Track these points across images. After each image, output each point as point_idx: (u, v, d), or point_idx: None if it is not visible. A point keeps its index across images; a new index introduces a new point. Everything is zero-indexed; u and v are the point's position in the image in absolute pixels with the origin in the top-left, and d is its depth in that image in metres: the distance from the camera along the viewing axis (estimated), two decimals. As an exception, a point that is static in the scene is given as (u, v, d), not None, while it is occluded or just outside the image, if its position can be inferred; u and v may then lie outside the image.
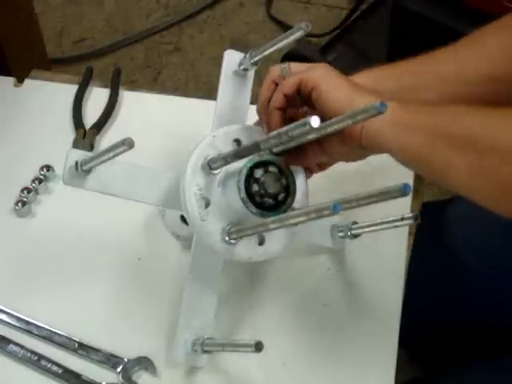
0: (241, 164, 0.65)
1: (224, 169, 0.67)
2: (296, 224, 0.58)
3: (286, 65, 0.69)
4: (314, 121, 0.55)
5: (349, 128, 0.63)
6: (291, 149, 0.67)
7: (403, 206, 0.82)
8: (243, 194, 0.64)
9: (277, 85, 0.70)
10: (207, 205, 0.66)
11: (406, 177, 0.80)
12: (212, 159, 0.65)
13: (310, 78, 0.66)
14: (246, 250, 0.67)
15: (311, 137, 0.65)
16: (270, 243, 0.69)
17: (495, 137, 0.59)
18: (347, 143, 0.65)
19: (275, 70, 0.70)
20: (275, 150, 0.67)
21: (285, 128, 0.59)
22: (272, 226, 0.60)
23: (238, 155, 0.64)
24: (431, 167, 0.63)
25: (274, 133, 0.60)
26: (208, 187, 0.66)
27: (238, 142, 0.69)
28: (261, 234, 0.68)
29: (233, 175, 0.66)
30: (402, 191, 0.61)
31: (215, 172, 0.66)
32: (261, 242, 0.68)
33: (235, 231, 0.65)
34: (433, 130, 0.61)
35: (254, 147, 0.62)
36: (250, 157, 0.65)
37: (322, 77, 0.65)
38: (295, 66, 0.69)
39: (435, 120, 0.62)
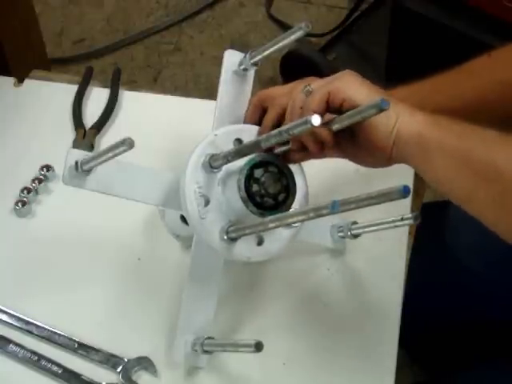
0: (241, 163, 0.65)
1: (224, 168, 0.67)
2: (295, 223, 0.58)
3: (307, 86, 0.65)
4: (315, 119, 0.55)
5: (381, 143, 0.62)
6: None
7: (403, 206, 0.82)
8: (243, 193, 0.64)
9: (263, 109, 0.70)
10: (207, 203, 0.66)
11: (406, 177, 0.80)
12: (213, 157, 0.65)
13: (338, 89, 0.63)
14: (245, 249, 0.67)
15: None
16: (268, 243, 0.69)
17: None
18: (376, 155, 0.64)
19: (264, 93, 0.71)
20: None
21: (286, 126, 0.59)
22: (271, 225, 0.60)
23: (239, 153, 0.64)
24: (454, 192, 0.61)
25: (275, 131, 0.60)
26: (208, 185, 0.66)
27: (239, 141, 0.69)
28: (260, 235, 0.68)
29: (233, 174, 0.66)
30: (401, 193, 0.61)
31: (216, 170, 0.66)
32: (259, 243, 0.68)
33: (234, 230, 0.65)
34: (461, 153, 0.59)
35: (255, 145, 0.62)
36: (251, 156, 0.65)
37: (350, 85, 0.63)
38: (316, 82, 0.66)
39: (464, 143, 0.60)
